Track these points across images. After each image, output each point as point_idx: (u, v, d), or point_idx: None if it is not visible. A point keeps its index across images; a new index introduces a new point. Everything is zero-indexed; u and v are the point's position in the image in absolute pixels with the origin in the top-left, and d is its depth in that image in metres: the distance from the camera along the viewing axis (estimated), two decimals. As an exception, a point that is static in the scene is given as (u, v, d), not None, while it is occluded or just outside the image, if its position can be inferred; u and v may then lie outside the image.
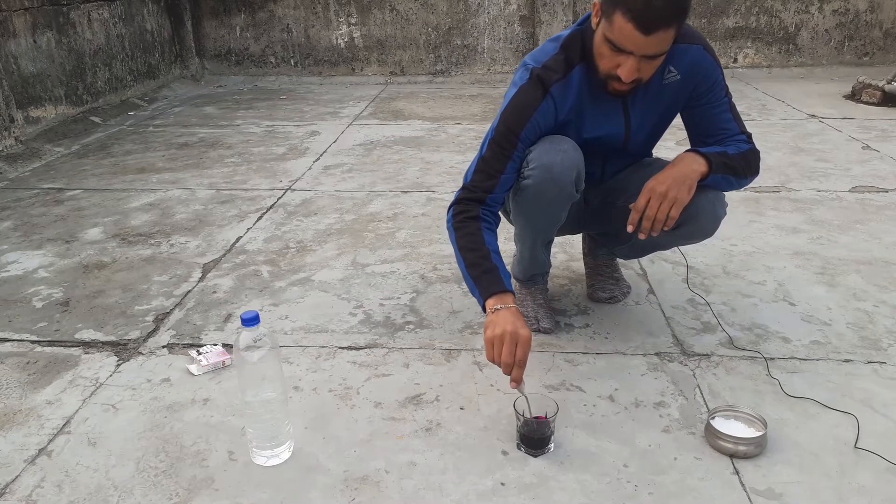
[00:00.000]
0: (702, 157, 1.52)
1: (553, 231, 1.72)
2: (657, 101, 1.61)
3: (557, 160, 1.54)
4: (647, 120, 1.65)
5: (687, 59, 1.56)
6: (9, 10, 3.73)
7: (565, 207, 1.64)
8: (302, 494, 1.30)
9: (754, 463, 1.35)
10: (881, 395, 1.55)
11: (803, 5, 5.37)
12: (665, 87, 1.58)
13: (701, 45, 1.57)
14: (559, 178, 1.55)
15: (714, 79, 1.59)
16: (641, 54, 1.39)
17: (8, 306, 2.05)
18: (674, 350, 1.74)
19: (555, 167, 1.54)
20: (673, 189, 1.48)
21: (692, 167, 1.51)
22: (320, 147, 3.76)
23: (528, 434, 1.37)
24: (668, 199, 1.48)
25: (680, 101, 1.62)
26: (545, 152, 1.55)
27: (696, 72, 1.57)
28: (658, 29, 1.34)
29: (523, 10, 5.50)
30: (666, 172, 1.51)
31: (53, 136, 3.94)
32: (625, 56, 1.40)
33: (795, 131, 3.84)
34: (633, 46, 1.38)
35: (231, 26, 5.70)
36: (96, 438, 1.46)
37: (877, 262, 2.21)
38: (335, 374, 1.67)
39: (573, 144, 1.59)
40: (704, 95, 1.60)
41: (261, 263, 2.31)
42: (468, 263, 1.50)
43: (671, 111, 1.66)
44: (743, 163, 1.59)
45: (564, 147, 1.57)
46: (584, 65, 1.55)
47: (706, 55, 1.57)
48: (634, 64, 1.41)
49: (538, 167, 1.54)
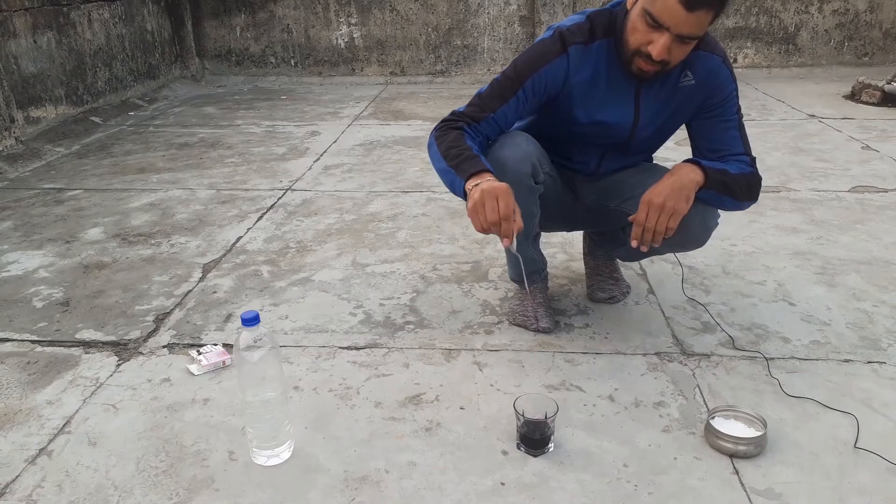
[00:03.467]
0: (699, 168, 1.51)
1: (531, 224, 1.71)
2: (669, 101, 1.61)
3: (510, 154, 1.56)
4: (657, 116, 1.64)
5: (705, 67, 1.56)
6: (9, 10, 3.73)
7: (530, 200, 1.63)
8: (302, 494, 1.30)
9: (754, 463, 1.35)
10: (881, 395, 1.55)
11: (803, 5, 5.37)
12: (680, 89, 1.59)
13: (721, 57, 1.57)
14: (514, 171, 1.56)
15: (727, 92, 1.59)
16: (677, 32, 1.39)
17: (8, 306, 2.05)
18: (674, 350, 1.74)
19: (508, 162, 1.56)
20: (671, 200, 1.46)
21: (689, 177, 1.49)
22: (320, 147, 3.77)
23: (527, 434, 1.37)
24: (665, 211, 1.46)
25: (691, 107, 1.62)
26: (498, 148, 1.58)
27: (712, 81, 1.57)
28: (699, 7, 1.35)
29: (523, 11, 5.50)
30: (663, 183, 1.49)
31: (54, 136, 3.94)
32: (660, 32, 1.41)
33: (795, 131, 3.85)
34: (671, 21, 1.38)
35: (231, 26, 5.70)
36: (96, 438, 1.46)
37: (877, 262, 2.21)
38: (335, 374, 1.67)
39: (527, 138, 1.61)
40: (716, 108, 1.59)
41: (261, 263, 2.31)
42: (447, 157, 1.47)
43: (681, 115, 1.65)
44: (742, 184, 1.57)
45: (517, 141, 1.59)
46: (608, 41, 1.55)
47: (724, 67, 1.57)
48: (667, 42, 1.41)
49: (492, 162, 1.55)
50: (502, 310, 1.95)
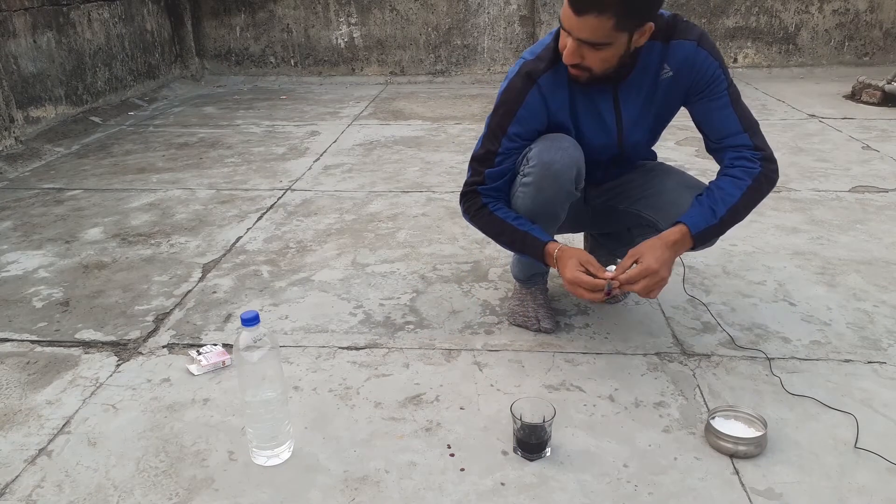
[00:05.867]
0: (690, 237, 1.52)
1: (552, 230, 1.72)
2: (651, 99, 1.59)
3: (557, 157, 1.55)
4: (642, 118, 1.62)
5: (680, 56, 1.53)
6: (9, 10, 3.73)
7: (565, 206, 1.64)
8: (302, 494, 1.30)
9: (754, 463, 1.35)
10: (881, 395, 1.55)
11: (803, 5, 5.37)
12: (660, 84, 1.57)
13: (694, 41, 1.52)
14: (559, 175, 1.55)
15: (711, 73, 1.54)
16: (577, 37, 1.40)
17: (8, 306, 2.05)
18: (674, 350, 1.74)
19: (555, 164, 1.55)
20: (665, 271, 1.49)
21: (680, 251, 1.53)
22: (320, 147, 3.76)
23: (524, 438, 1.36)
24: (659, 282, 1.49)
25: (676, 99, 1.60)
26: (545, 150, 1.56)
27: (689, 68, 1.53)
28: (587, 12, 1.34)
29: (523, 10, 5.50)
30: (662, 250, 1.49)
31: (53, 136, 3.94)
32: (568, 36, 1.42)
33: (795, 131, 3.85)
34: (567, 25, 1.40)
35: (231, 26, 5.70)
36: (96, 438, 1.46)
37: (877, 262, 2.21)
38: (335, 374, 1.67)
39: (573, 142, 1.59)
40: (704, 90, 1.56)
41: (261, 263, 2.31)
42: (506, 243, 1.65)
43: (668, 110, 1.64)
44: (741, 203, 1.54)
45: (564, 144, 1.57)
46: None
47: (700, 50, 1.52)
48: (573, 46, 1.42)
49: (538, 164, 1.55)
50: (502, 310, 1.95)
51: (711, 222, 1.53)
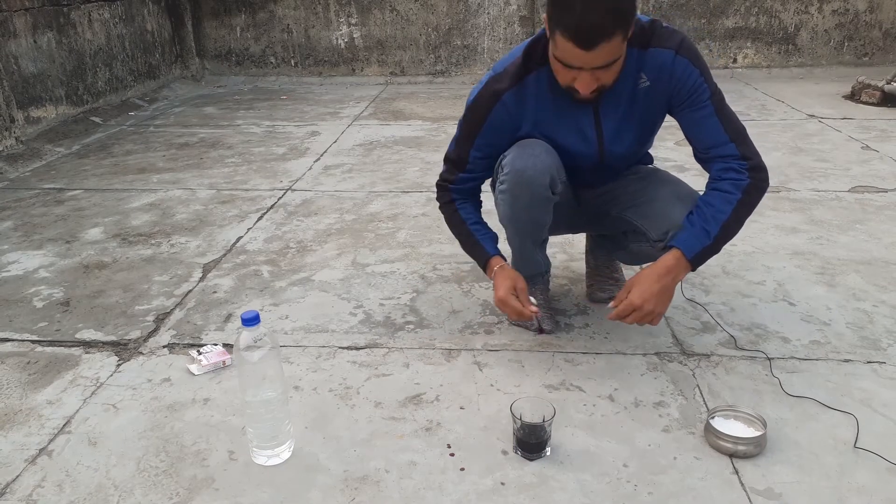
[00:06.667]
0: (685, 260, 1.51)
1: (541, 233, 1.72)
2: (631, 110, 1.56)
3: (529, 164, 1.55)
4: (623, 129, 1.59)
5: (656, 65, 1.49)
6: (9, 10, 3.73)
7: (545, 210, 1.64)
8: (302, 494, 1.30)
9: (754, 463, 1.35)
10: (881, 395, 1.55)
11: (803, 5, 5.37)
12: (638, 93, 1.53)
13: (672, 49, 1.47)
14: (532, 181, 1.56)
15: (692, 82, 1.49)
16: (591, 67, 1.37)
17: (8, 306, 2.05)
18: (673, 350, 1.74)
19: (527, 171, 1.55)
20: (660, 306, 1.51)
21: (677, 278, 1.52)
22: (320, 147, 3.77)
23: (523, 438, 1.36)
24: (647, 315, 1.50)
25: (658, 107, 1.56)
26: (517, 157, 1.57)
27: (668, 77, 1.49)
28: (598, 43, 1.31)
29: (523, 11, 5.50)
30: (652, 282, 1.49)
31: (54, 136, 3.94)
32: (577, 71, 1.38)
33: (795, 131, 3.85)
34: (579, 62, 1.36)
35: (231, 27, 5.70)
36: (97, 438, 1.46)
37: (876, 262, 2.22)
38: (335, 374, 1.67)
39: (546, 148, 1.58)
40: (686, 99, 1.52)
41: (261, 263, 2.32)
42: (458, 240, 1.74)
43: (649, 119, 1.60)
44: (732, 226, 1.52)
45: (537, 151, 1.57)
46: (545, 69, 1.51)
47: (679, 59, 1.47)
48: (588, 77, 1.39)
49: (510, 172, 1.56)
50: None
51: (706, 243, 1.51)
